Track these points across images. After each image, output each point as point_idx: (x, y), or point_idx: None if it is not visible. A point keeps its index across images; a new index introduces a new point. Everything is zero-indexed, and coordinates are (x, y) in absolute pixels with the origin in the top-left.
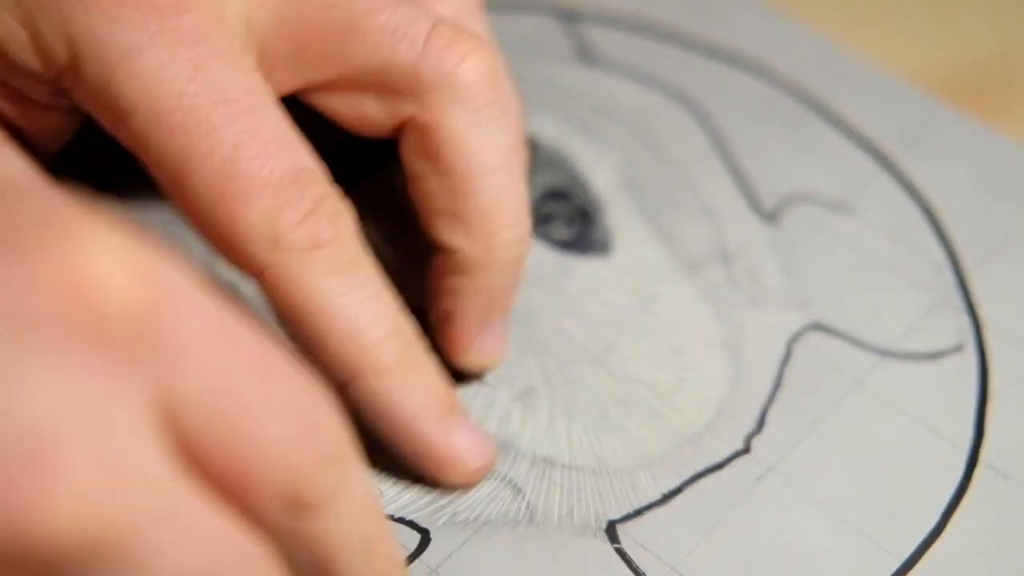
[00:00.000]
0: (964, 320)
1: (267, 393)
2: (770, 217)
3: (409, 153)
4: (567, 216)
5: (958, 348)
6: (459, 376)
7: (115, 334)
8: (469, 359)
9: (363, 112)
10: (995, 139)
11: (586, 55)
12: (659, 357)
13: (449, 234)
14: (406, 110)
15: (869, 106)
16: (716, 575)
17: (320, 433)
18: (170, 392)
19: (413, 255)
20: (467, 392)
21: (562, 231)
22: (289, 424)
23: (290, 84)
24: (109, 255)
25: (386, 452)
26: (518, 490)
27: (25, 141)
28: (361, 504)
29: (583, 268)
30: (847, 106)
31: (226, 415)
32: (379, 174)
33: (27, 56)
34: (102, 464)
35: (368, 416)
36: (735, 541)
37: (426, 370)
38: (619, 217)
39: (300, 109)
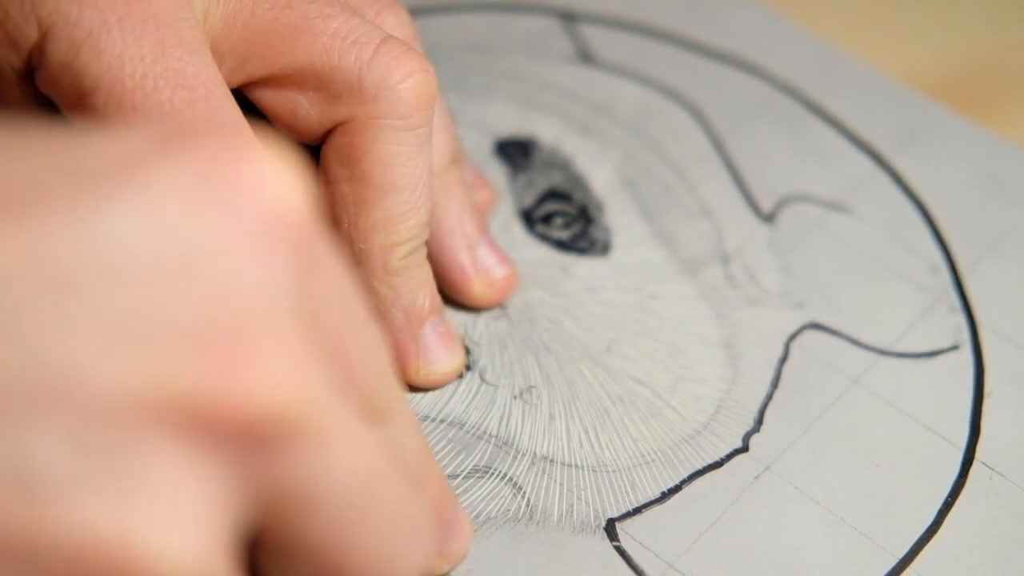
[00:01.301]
0: (960, 319)
1: (360, 313)
2: (768, 217)
3: (329, 154)
4: (567, 216)
5: (954, 347)
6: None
7: (288, 243)
8: (423, 377)
9: (298, 112)
10: (991, 140)
11: (586, 55)
12: (658, 356)
13: (348, 246)
14: (340, 114)
15: (866, 107)
16: (714, 573)
17: (384, 350)
18: (313, 300)
19: None
20: (468, 391)
21: (562, 231)
22: (371, 337)
23: (235, 79)
24: (283, 179)
25: None
26: (518, 488)
27: None
28: (413, 419)
29: (583, 268)
30: (844, 107)
31: (343, 326)
32: None
33: (2, 47)
34: (292, 350)
35: None
36: (733, 539)
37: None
38: (618, 217)
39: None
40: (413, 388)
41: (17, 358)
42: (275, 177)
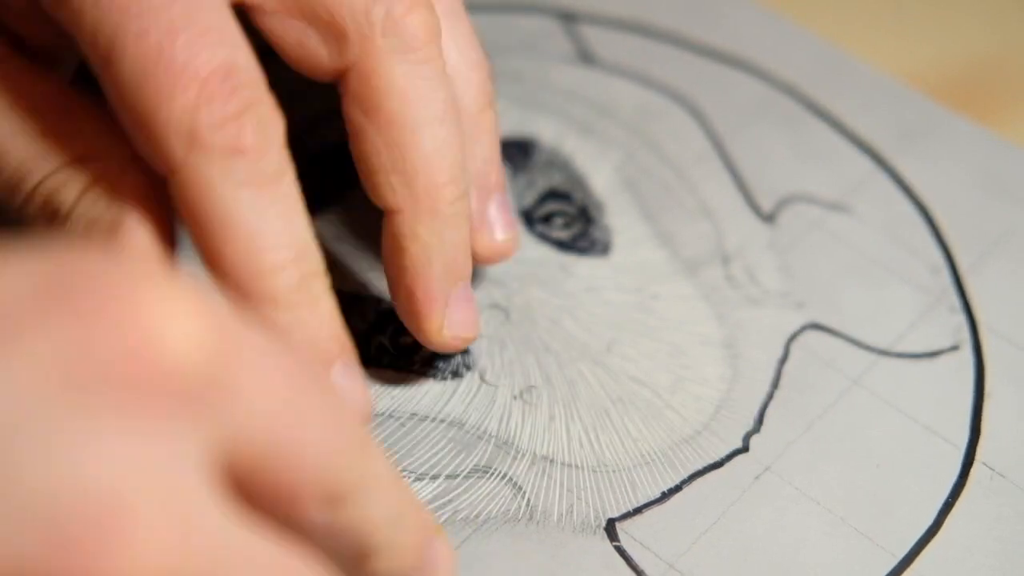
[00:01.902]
0: (960, 320)
1: (309, 410)
2: (768, 217)
3: (349, 104)
4: (567, 216)
5: (955, 348)
6: (458, 373)
7: (179, 390)
8: (444, 335)
9: (307, 47)
10: (991, 140)
11: (586, 55)
12: (658, 356)
13: (391, 193)
14: (350, 54)
15: (866, 107)
16: (715, 573)
17: (346, 428)
18: (228, 439)
19: None
20: (468, 391)
21: (562, 231)
22: (325, 432)
23: None
24: (172, 311)
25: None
26: (518, 488)
27: None
28: (388, 481)
29: (583, 268)
30: (844, 107)
31: (278, 446)
32: None
33: None
34: (170, 526)
35: None
36: (733, 539)
37: (323, 305)
38: (618, 217)
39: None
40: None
41: None
42: (162, 320)
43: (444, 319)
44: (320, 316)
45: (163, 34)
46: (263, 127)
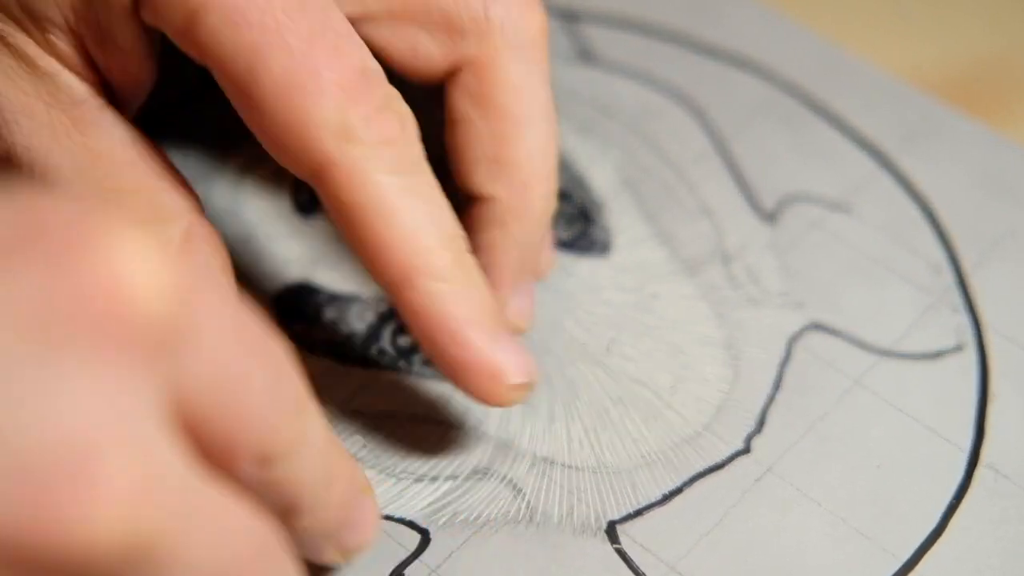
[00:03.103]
0: (964, 320)
1: (254, 370)
2: (770, 217)
3: (458, 96)
4: (567, 216)
5: (958, 348)
6: None
7: (142, 338)
8: (505, 315)
9: (418, 49)
10: (994, 139)
11: (586, 55)
12: (659, 357)
13: (489, 181)
14: (465, 51)
15: (868, 106)
16: (716, 575)
17: (285, 387)
18: (182, 386)
19: None
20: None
21: (562, 231)
22: (265, 393)
23: (350, 8)
24: (138, 258)
25: (388, 456)
26: (518, 490)
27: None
28: (321, 444)
29: (583, 268)
30: (846, 106)
31: (226, 396)
32: None
33: None
34: (136, 470)
35: (415, 325)
36: (735, 541)
37: (478, 280)
38: (619, 217)
39: None
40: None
41: None
42: (124, 265)
43: (510, 302)
44: (478, 288)
45: (305, 43)
46: (403, 119)
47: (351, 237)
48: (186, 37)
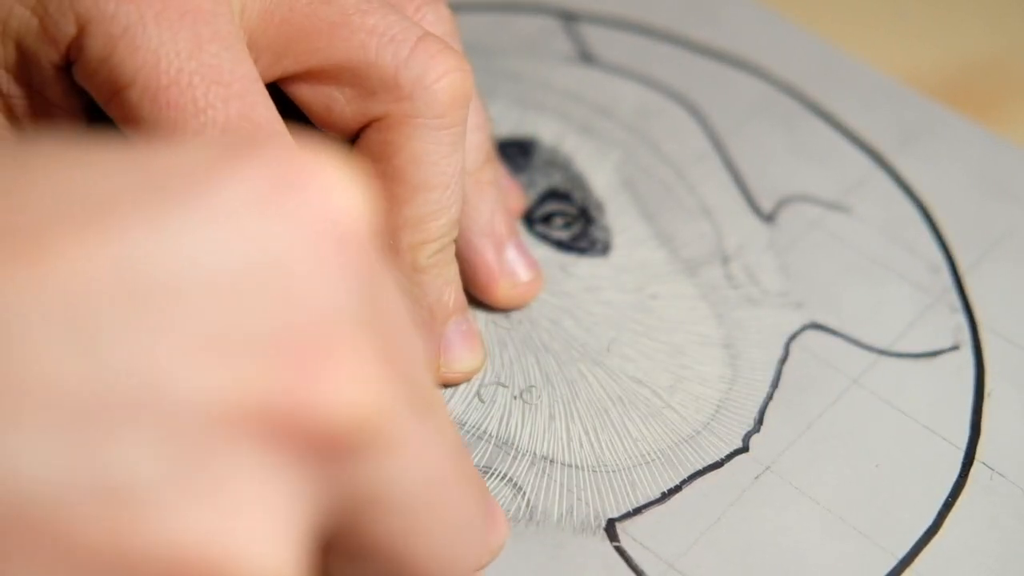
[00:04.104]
0: (960, 319)
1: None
2: (768, 217)
3: (363, 152)
4: (567, 216)
5: (955, 347)
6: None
7: (357, 255)
8: (444, 374)
9: (333, 107)
10: (991, 140)
11: (586, 55)
12: (658, 356)
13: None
14: (375, 111)
15: (866, 106)
16: (714, 573)
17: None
18: (378, 308)
19: None
20: (468, 391)
21: (562, 231)
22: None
23: (270, 73)
24: (350, 191)
25: None
26: (518, 488)
27: None
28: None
29: (583, 268)
30: (844, 106)
31: (400, 328)
32: None
33: (39, 44)
34: (370, 356)
35: None
36: (733, 539)
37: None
38: (618, 217)
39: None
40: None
41: (102, 370)
42: (342, 190)
43: (441, 358)
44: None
45: (220, 131)
46: None
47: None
48: (111, 106)
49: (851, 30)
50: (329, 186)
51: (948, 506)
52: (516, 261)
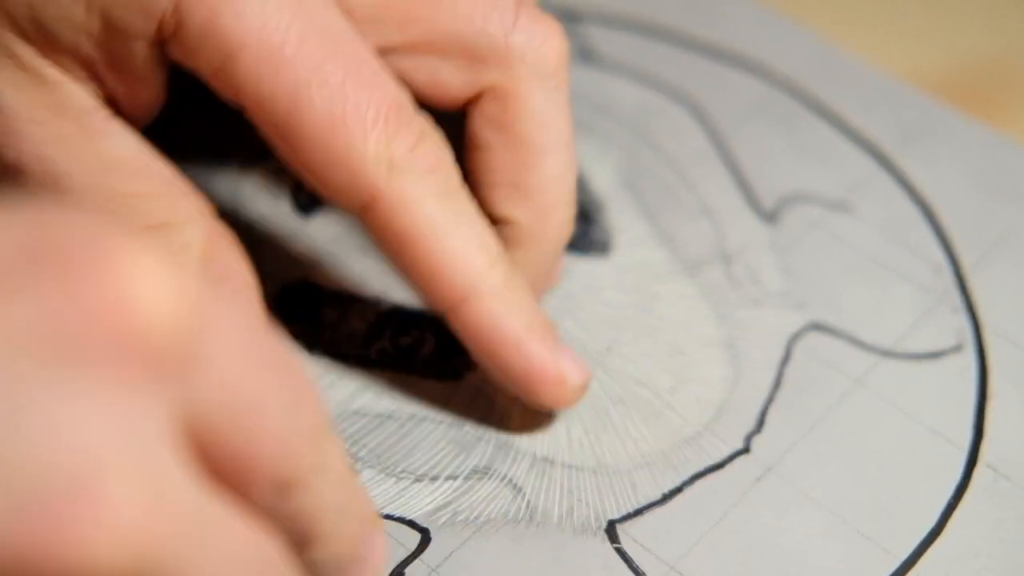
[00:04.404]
0: (963, 320)
1: (270, 388)
2: (769, 217)
3: (480, 123)
4: None
5: (957, 348)
6: (458, 374)
7: (152, 358)
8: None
9: (440, 79)
10: (993, 139)
11: (586, 55)
12: (659, 357)
13: (509, 206)
14: (487, 80)
15: (868, 106)
16: (715, 575)
17: (305, 414)
18: (194, 406)
19: None
20: (468, 392)
21: None
22: (282, 419)
23: (372, 41)
24: (150, 276)
25: (387, 456)
26: (518, 490)
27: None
28: (339, 474)
29: (583, 268)
30: (846, 106)
31: (239, 419)
32: None
33: (131, 16)
34: (142, 491)
35: (475, 341)
36: (735, 541)
37: (528, 293)
38: (619, 217)
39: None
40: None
41: None
42: (136, 283)
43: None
44: (529, 301)
45: (343, 81)
46: (440, 147)
47: (403, 264)
48: (220, 78)
49: (852, 29)
50: (123, 283)
51: (951, 508)
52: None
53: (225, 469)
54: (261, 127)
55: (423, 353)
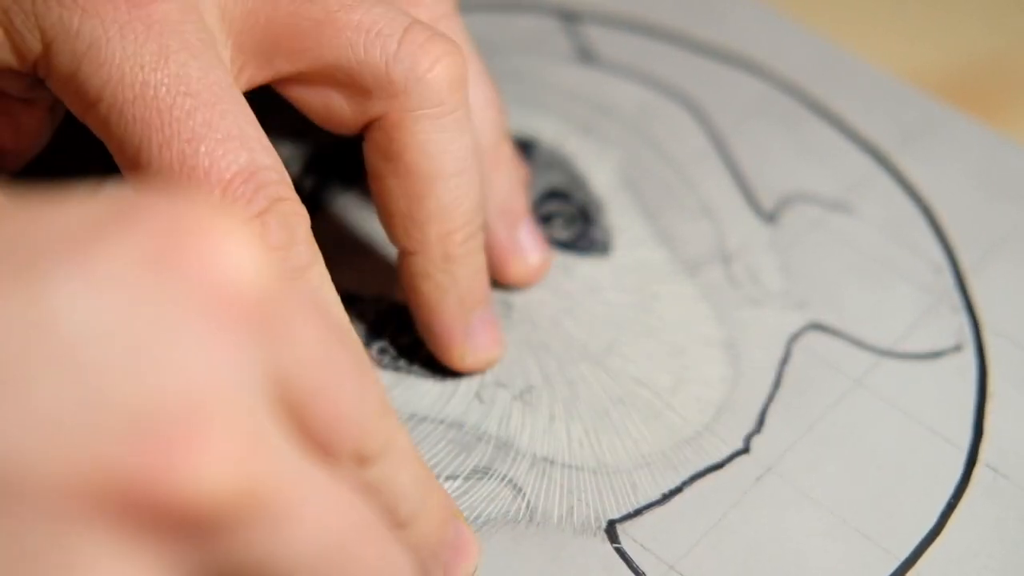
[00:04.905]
0: (963, 320)
1: (344, 360)
2: (769, 217)
3: (372, 152)
4: (567, 216)
5: (957, 348)
6: (458, 374)
7: (246, 318)
8: (467, 362)
9: (332, 107)
10: (993, 139)
11: (586, 55)
12: (659, 357)
13: (406, 237)
14: (374, 110)
15: (868, 106)
16: (716, 575)
17: (373, 390)
18: (284, 370)
19: None
20: (468, 391)
21: (562, 231)
22: (357, 383)
23: (262, 76)
24: (244, 245)
25: None
26: (518, 490)
27: (3, 145)
28: (411, 452)
29: (583, 268)
30: (846, 106)
31: (320, 393)
32: None
33: (8, 56)
34: (245, 432)
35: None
36: (735, 541)
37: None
38: (619, 217)
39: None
40: (452, 373)
41: None
42: (230, 251)
43: (466, 347)
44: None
45: (186, 143)
46: (287, 222)
47: None
48: (87, 121)
49: (853, 29)
50: (218, 249)
51: (951, 508)
52: (528, 241)
53: (311, 437)
54: (117, 162)
55: (423, 353)
